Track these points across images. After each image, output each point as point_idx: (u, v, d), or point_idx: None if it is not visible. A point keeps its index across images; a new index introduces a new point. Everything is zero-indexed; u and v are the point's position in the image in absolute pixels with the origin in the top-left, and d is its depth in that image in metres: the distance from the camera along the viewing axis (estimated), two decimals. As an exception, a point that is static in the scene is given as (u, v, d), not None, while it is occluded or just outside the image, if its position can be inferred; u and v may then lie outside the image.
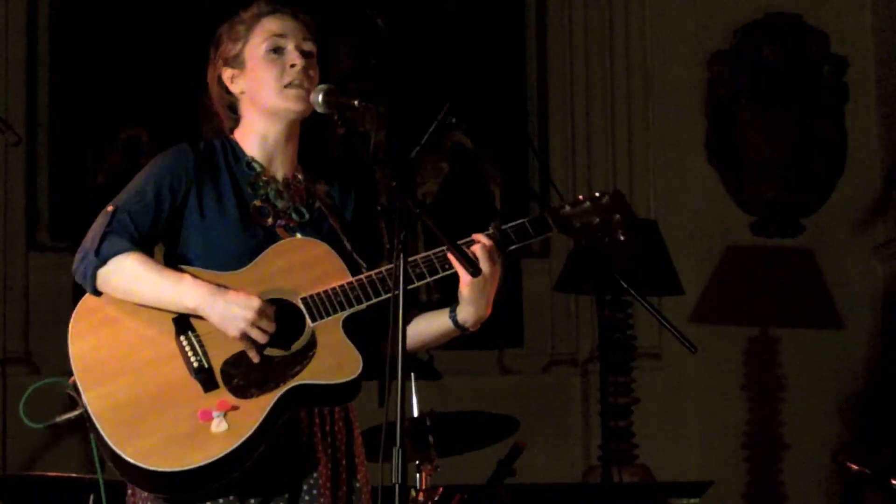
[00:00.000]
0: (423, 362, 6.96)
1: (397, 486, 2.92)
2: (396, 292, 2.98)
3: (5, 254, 7.20)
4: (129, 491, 3.16)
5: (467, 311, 3.22)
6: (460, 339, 3.31)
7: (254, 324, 3.07)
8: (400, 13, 7.49)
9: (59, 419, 3.10)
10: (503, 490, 5.15)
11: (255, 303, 3.07)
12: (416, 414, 4.64)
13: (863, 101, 7.74)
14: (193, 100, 7.10)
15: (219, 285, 3.10)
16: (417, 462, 4.58)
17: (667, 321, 3.66)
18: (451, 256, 3.15)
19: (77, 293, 3.17)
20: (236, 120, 3.34)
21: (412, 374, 4.54)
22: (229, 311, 3.07)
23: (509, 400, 6.87)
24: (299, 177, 3.33)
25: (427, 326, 3.27)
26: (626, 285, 3.81)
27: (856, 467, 5.08)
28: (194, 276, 3.11)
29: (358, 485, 3.24)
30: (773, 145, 7.63)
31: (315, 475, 3.16)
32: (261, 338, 3.09)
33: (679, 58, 7.65)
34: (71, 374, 3.09)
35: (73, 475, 4.96)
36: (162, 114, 7.28)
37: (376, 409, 3.09)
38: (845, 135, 7.73)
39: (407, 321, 3.03)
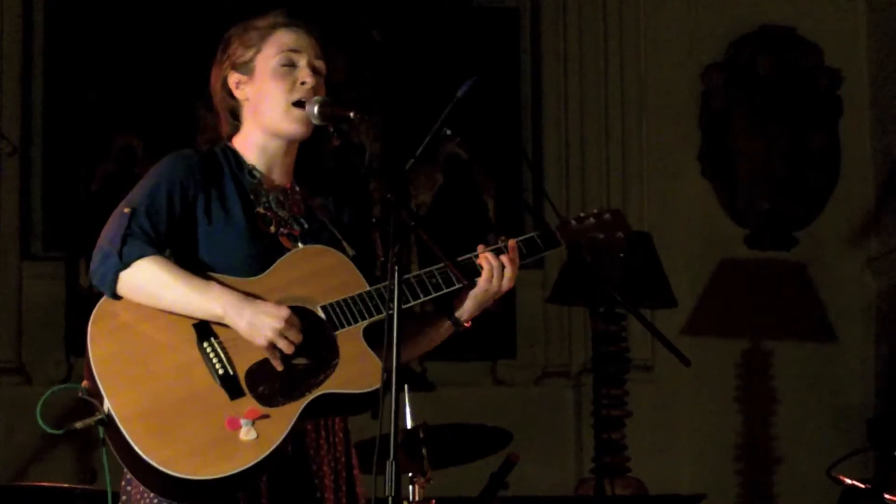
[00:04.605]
0: (417, 374, 6.95)
1: (391, 498, 2.92)
2: (390, 311, 2.97)
3: (-2, 263, 7.19)
4: (123, 497, 3.13)
5: (467, 308, 3.28)
6: (453, 350, 3.31)
7: (282, 333, 3.06)
8: (394, 24, 7.50)
9: (78, 424, 3.03)
10: (496, 502, 5.14)
11: (285, 312, 3.07)
12: (409, 426, 4.63)
13: (856, 114, 7.75)
14: (188, 109, 7.10)
15: (245, 293, 3.09)
16: (410, 474, 4.57)
17: (660, 334, 3.66)
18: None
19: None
20: (236, 126, 3.33)
21: (405, 386, 4.53)
22: (258, 319, 3.05)
23: (502, 412, 6.86)
24: (296, 188, 3.34)
25: (419, 326, 3.31)
26: (619, 298, 3.81)
27: (849, 481, 5.07)
28: (220, 282, 3.10)
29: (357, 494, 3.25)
30: (766, 158, 7.63)
31: (320, 486, 3.15)
32: (288, 348, 3.08)
33: (673, 70, 7.66)
34: (83, 378, 3.05)
35: (66, 485, 4.95)
36: (156, 123, 7.26)
37: (369, 421, 3.09)
38: (839, 148, 7.74)
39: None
